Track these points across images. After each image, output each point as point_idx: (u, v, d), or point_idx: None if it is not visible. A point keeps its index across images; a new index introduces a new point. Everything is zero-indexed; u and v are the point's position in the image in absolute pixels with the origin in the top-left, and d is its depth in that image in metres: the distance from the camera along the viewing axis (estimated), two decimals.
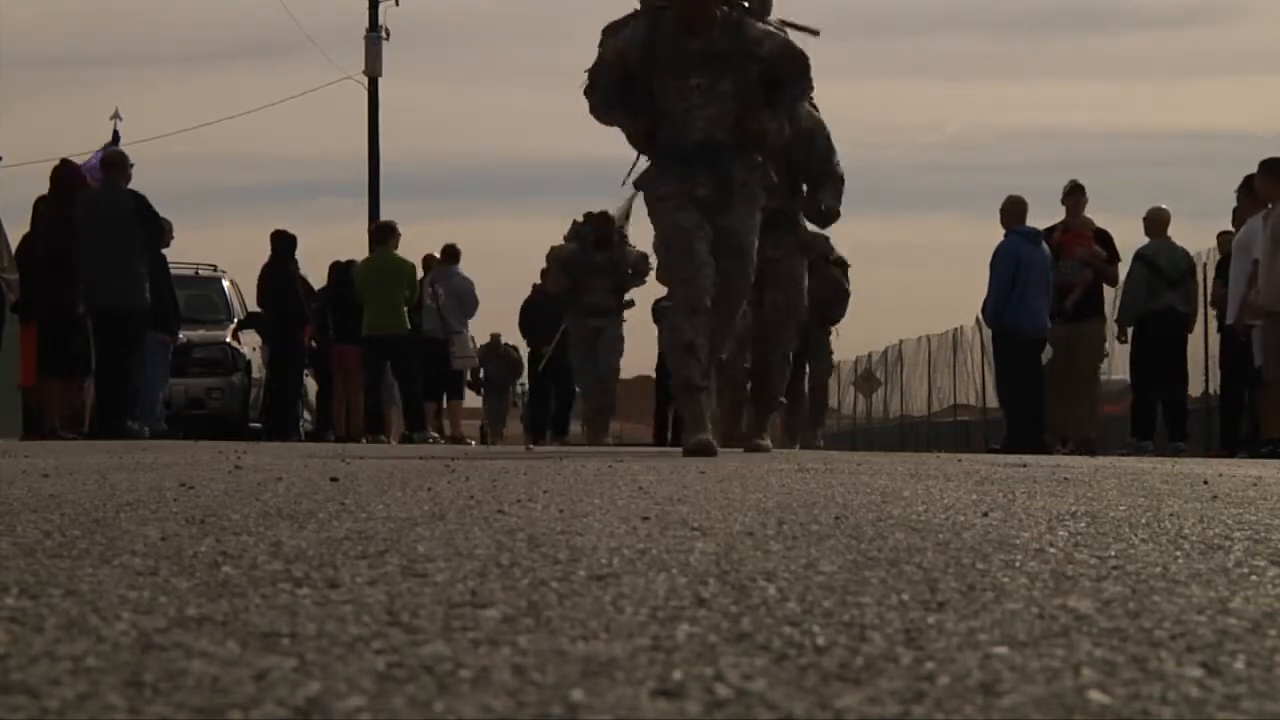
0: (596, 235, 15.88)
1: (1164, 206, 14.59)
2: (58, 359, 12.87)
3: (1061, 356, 14.15)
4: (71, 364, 12.91)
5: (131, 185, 13.11)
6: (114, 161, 13.29)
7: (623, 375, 17.47)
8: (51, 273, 12.65)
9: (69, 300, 12.67)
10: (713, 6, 7.60)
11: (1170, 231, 14.44)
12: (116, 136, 13.91)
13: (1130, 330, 14.50)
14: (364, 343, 16.56)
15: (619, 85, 7.71)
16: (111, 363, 12.79)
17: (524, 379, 22.74)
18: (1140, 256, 14.35)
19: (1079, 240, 14.22)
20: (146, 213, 12.90)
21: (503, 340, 24.66)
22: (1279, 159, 12.21)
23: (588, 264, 15.82)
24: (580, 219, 16.18)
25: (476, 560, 1.96)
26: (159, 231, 13.07)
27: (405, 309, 16.39)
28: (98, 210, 12.85)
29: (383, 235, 16.86)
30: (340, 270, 17.57)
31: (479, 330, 18.94)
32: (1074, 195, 14.37)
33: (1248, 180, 13.08)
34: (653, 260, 8.20)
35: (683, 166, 7.70)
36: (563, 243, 16.23)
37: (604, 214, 15.85)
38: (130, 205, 12.82)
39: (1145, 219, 14.49)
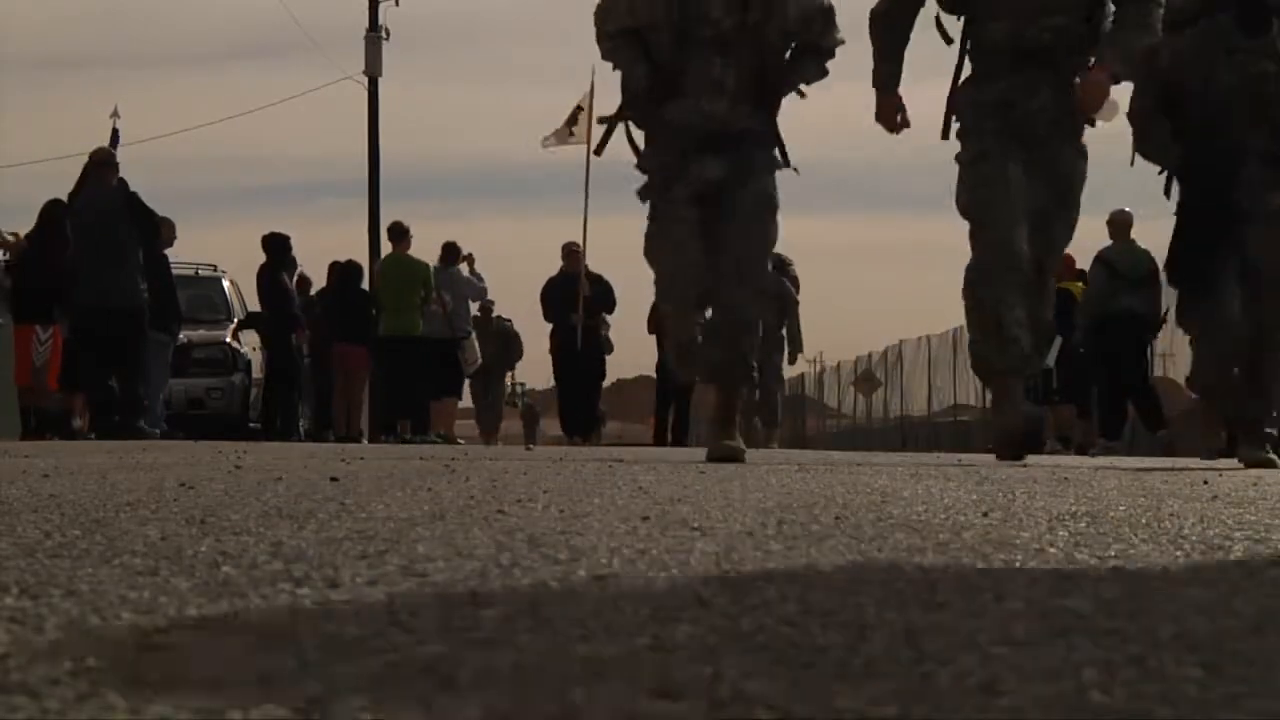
0: None
1: (1127, 209, 14.49)
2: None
3: None
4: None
5: (132, 187, 13.05)
6: (102, 159, 13.19)
7: (621, 375, 11.19)
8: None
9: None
10: None
11: (1135, 234, 14.37)
12: (116, 135, 13.85)
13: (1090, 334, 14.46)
14: (379, 343, 16.59)
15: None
16: (104, 364, 12.75)
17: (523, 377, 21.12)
18: (1100, 259, 14.28)
19: None
20: (138, 208, 12.81)
21: (494, 313, 20.56)
22: None
23: (686, 33, 6.67)
24: None
25: (476, 560, 1.96)
26: (153, 227, 12.97)
27: (419, 311, 16.44)
28: (87, 209, 12.79)
29: (398, 236, 16.83)
30: (340, 270, 17.57)
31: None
32: None
33: None
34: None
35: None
36: None
37: None
38: (120, 201, 12.71)
39: (1108, 222, 14.39)
